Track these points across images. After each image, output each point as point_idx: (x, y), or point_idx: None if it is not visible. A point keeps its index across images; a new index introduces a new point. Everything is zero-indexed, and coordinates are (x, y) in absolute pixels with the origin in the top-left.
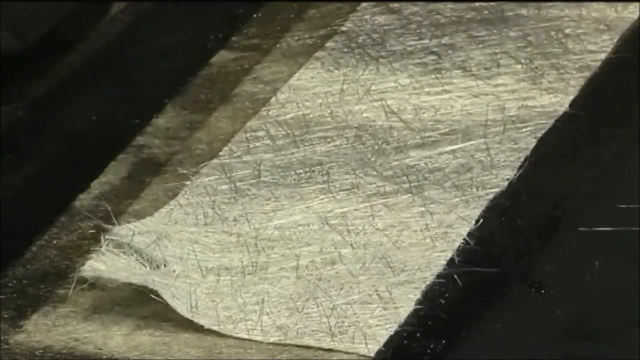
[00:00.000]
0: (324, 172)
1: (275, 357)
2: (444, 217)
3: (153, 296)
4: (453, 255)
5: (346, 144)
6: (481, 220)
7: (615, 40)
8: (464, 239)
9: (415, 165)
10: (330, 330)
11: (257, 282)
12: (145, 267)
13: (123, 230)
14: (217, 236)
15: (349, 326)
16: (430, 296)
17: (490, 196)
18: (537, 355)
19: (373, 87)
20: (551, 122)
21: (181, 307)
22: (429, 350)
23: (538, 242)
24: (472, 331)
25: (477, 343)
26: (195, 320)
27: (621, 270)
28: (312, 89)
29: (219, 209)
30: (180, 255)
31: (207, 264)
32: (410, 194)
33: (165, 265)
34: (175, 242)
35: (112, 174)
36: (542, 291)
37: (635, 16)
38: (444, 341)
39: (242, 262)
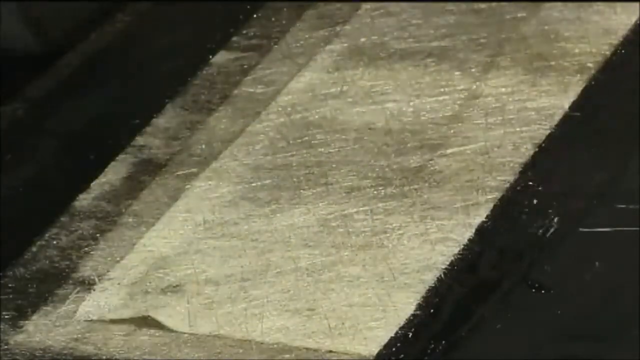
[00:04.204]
0: (324, 174)
1: (276, 357)
2: (444, 223)
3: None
4: (453, 257)
5: (346, 147)
6: (481, 221)
7: (614, 42)
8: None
9: (415, 168)
10: (330, 332)
11: (257, 286)
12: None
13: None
14: (216, 242)
15: (349, 328)
16: (430, 297)
17: (491, 205)
18: (537, 355)
19: (373, 89)
20: (551, 123)
21: (179, 324)
22: (429, 351)
23: (538, 242)
24: (472, 331)
25: (477, 343)
26: (194, 331)
27: (621, 270)
28: (311, 91)
29: (219, 212)
30: (177, 271)
31: (205, 274)
32: (410, 198)
33: (161, 290)
34: (175, 257)
35: (112, 174)
36: (542, 291)
37: (635, 17)
38: (444, 342)
39: (242, 267)
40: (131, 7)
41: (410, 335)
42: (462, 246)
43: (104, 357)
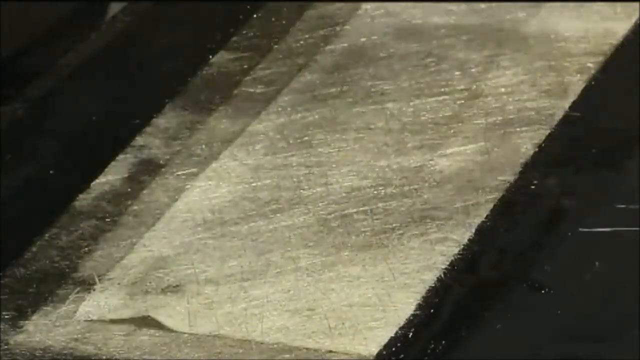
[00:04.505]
0: (324, 174)
1: (276, 357)
2: (444, 223)
3: (150, 316)
4: (453, 257)
5: (346, 147)
6: (481, 221)
7: (614, 42)
8: (464, 244)
9: (415, 168)
10: (330, 331)
11: (256, 286)
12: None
13: (116, 271)
14: (216, 242)
15: (349, 328)
16: (430, 297)
17: (491, 205)
18: (537, 355)
19: (372, 90)
20: (551, 123)
21: (179, 324)
22: (429, 351)
23: (538, 242)
24: (472, 331)
25: (477, 343)
26: (194, 331)
27: (621, 270)
28: (311, 91)
29: (219, 212)
30: (177, 271)
31: (205, 274)
32: (410, 198)
33: (161, 290)
34: (175, 257)
35: (112, 174)
36: (542, 291)
37: (635, 17)
38: (444, 342)
39: (241, 267)
40: (131, 7)
41: (410, 335)
42: (462, 246)
43: (104, 357)
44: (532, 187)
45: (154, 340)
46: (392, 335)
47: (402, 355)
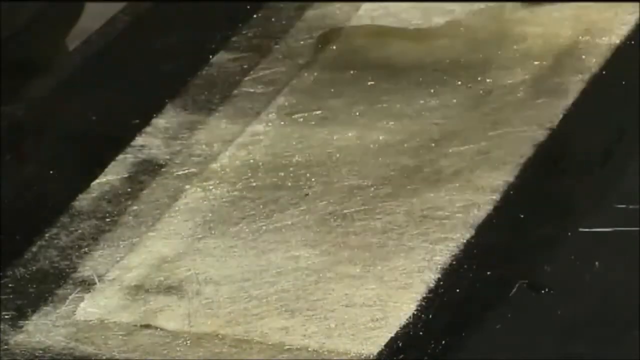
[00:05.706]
0: (324, 174)
1: (276, 357)
2: (444, 223)
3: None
4: (453, 257)
5: (346, 147)
6: (481, 221)
7: (614, 42)
8: (464, 244)
9: (415, 167)
10: (330, 332)
11: (257, 286)
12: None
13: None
14: (216, 242)
15: (349, 328)
16: (430, 297)
17: (491, 205)
18: (537, 355)
19: (372, 90)
20: (551, 124)
21: (178, 324)
22: (429, 351)
23: (538, 242)
24: (472, 331)
25: (477, 343)
26: (194, 331)
27: (621, 270)
28: (311, 91)
29: (219, 212)
30: (177, 272)
31: (205, 274)
32: (410, 198)
33: (161, 291)
34: (175, 257)
35: (112, 174)
36: (542, 291)
37: (636, 17)
38: (443, 342)
39: (242, 267)
40: (131, 7)
41: (410, 335)
42: (462, 246)
43: (104, 357)
44: (532, 187)
45: (154, 340)
46: (392, 335)
47: (402, 355)
